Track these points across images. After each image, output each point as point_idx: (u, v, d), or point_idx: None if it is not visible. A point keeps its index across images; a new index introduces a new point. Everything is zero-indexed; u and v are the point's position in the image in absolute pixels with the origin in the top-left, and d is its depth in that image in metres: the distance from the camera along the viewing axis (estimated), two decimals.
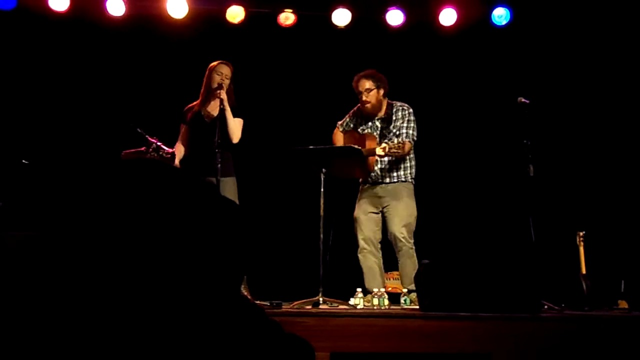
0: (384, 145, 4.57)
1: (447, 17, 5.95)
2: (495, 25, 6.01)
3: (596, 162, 5.92)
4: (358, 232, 4.90)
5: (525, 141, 4.56)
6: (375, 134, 4.88)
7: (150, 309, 0.78)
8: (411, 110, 4.90)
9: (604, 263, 5.12)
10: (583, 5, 5.89)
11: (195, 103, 4.83)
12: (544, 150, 5.16)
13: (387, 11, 5.97)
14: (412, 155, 4.89)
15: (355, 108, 5.06)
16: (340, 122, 5.12)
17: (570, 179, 5.92)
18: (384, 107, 4.94)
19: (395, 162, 4.85)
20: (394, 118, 4.87)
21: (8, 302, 0.81)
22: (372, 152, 4.68)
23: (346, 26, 5.98)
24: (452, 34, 5.98)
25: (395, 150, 4.51)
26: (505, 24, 6.00)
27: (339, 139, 5.08)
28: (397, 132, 4.81)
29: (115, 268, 0.79)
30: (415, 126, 4.85)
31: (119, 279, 0.78)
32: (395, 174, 4.86)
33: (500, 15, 5.98)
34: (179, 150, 4.81)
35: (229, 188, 4.61)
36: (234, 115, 4.64)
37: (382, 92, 4.89)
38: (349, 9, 5.93)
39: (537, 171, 4.55)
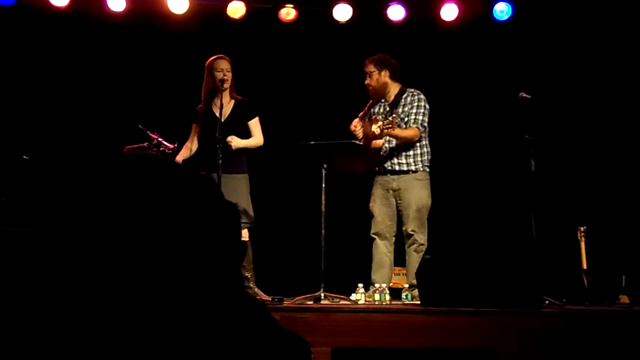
0: (379, 123, 4.52)
1: (449, 12, 5.93)
2: (497, 20, 5.99)
3: (597, 157, 5.91)
4: (372, 225, 4.83)
5: (526, 136, 4.55)
6: (380, 117, 4.80)
7: (147, 306, 0.78)
8: (422, 96, 4.81)
9: (605, 258, 5.11)
10: (584, 0, 5.88)
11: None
12: (546, 145, 5.16)
13: (388, 6, 5.96)
14: (424, 142, 4.80)
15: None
16: (360, 114, 5.08)
17: (571, 174, 5.92)
18: (393, 91, 4.89)
19: (399, 149, 4.77)
20: (402, 103, 4.82)
21: (6, 298, 0.81)
22: (374, 136, 4.63)
23: (347, 21, 5.97)
24: (453, 29, 5.96)
25: (386, 128, 4.46)
26: (507, 19, 5.98)
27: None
28: (406, 118, 4.75)
29: (113, 264, 0.79)
30: (425, 112, 4.76)
31: (117, 275, 0.78)
32: (404, 162, 4.77)
33: (502, 10, 5.96)
34: (189, 149, 4.78)
35: (241, 185, 4.59)
36: (248, 110, 4.66)
37: (385, 74, 4.86)
38: (349, 4, 5.92)
39: (539, 166, 4.54)
